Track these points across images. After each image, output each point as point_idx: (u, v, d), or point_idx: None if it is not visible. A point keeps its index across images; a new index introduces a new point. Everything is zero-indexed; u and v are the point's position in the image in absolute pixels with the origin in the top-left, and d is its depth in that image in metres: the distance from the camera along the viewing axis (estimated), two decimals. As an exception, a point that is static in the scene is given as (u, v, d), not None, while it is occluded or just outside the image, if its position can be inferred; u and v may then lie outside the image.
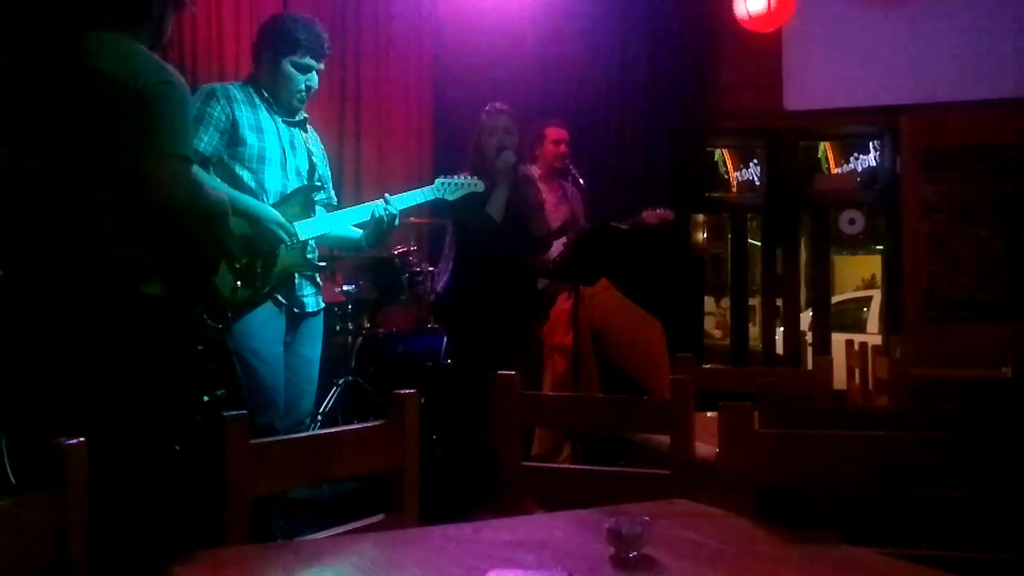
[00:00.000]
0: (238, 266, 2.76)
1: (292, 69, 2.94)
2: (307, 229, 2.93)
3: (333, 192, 3.24)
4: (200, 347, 4.11)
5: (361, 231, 3.16)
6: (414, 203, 3.27)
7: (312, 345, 3.04)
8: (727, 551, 1.35)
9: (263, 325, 2.84)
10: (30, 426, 2.13)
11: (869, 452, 1.61)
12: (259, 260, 2.81)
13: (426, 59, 6.10)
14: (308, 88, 2.99)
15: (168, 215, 2.16)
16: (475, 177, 3.49)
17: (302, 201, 2.96)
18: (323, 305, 3.09)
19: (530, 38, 6.01)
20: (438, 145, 5.98)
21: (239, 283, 2.74)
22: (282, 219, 2.84)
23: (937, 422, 2.12)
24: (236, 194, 2.75)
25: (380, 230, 3.13)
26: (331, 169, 3.27)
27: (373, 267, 4.96)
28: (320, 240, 3.37)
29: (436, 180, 3.37)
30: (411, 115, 6.01)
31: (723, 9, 5.46)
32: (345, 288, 4.80)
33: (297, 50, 2.93)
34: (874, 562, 1.32)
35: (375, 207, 3.10)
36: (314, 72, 2.99)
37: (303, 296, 2.98)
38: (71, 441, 1.14)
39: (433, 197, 3.34)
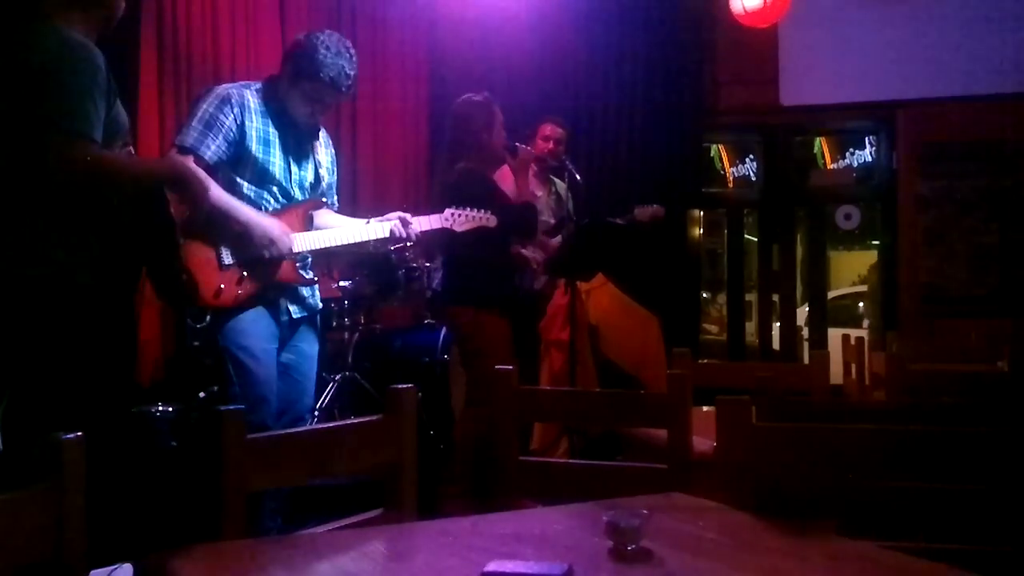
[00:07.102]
0: (224, 264, 2.73)
1: (303, 95, 2.85)
2: (304, 242, 2.90)
3: (335, 196, 3.20)
4: (196, 343, 4.10)
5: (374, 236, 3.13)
6: (427, 227, 3.24)
7: (311, 341, 3.03)
8: (725, 544, 1.35)
9: (254, 321, 2.81)
10: None
11: (866, 446, 1.61)
12: (251, 265, 2.78)
13: (422, 57, 6.09)
14: (313, 116, 2.92)
15: (69, 194, 2.09)
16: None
17: (302, 214, 2.93)
18: (319, 304, 3.08)
19: (526, 35, 6.00)
20: (434, 144, 5.97)
21: (222, 285, 2.73)
22: (278, 232, 2.79)
23: (934, 416, 2.12)
24: (235, 202, 2.74)
25: (396, 240, 3.13)
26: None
27: (370, 263, 4.95)
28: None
29: (446, 210, 3.30)
30: (407, 114, 6.02)
31: (719, 4, 5.46)
32: (342, 284, 4.80)
33: (314, 80, 2.81)
34: (872, 555, 1.33)
35: (394, 227, 3.07)
36: (323, 105, 2.90)
37: (304, 299, 2.98)
38: (68, 436, 1.14)
39: (440, 226, 3.29)
